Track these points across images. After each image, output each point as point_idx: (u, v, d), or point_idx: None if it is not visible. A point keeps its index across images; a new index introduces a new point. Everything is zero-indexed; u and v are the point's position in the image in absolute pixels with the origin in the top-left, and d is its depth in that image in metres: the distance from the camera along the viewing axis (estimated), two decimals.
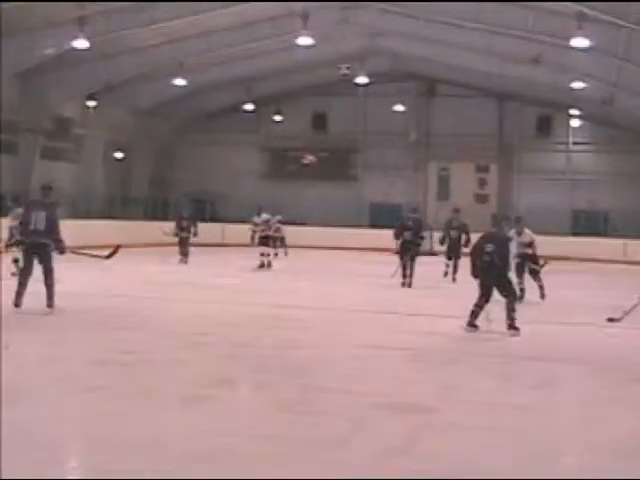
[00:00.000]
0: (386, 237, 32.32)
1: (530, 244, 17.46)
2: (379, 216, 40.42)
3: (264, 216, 27.69)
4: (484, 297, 12.72)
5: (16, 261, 16.47)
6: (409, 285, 20.01)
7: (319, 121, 44.71)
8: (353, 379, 9.40)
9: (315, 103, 44.09)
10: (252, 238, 28.16)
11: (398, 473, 6.07)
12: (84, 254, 13.85)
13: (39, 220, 13.10)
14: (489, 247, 12.64)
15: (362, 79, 38.15)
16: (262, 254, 25.22)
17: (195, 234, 27.15)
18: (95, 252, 13.99)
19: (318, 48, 31.74)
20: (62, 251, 13.24)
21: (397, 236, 20.61)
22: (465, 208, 27.35)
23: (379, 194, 42.43)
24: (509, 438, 7.12)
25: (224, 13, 29.01)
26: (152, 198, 39.07)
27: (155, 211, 39.99)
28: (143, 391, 8.48)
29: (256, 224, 27.79)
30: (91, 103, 36.59)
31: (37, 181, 34.87)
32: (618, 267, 31.54)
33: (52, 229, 13.15)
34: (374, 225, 39.44)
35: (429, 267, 22.16)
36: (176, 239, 26.99)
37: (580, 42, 25.60)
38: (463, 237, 21.75)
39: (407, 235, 20.41)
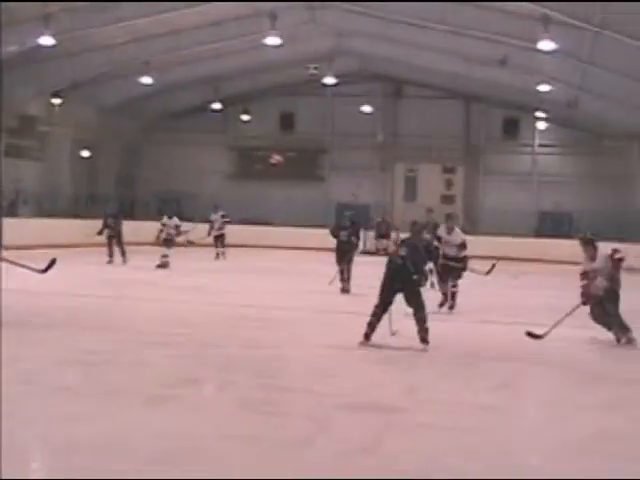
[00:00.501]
0: None
1: (462, 245, 15.93)
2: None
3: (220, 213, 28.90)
4: (382, 305, 11.57)
5: None
6: (347, 291, 18.81)
7: (287, 121, 44.76)
8: (317, 379, 9.45)
9: (283, 103, 44.13)
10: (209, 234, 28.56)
11: (363, 473, 6.07)
12: (19, 265, 12.19)
13: None
14: (403, 251, 11.72)
15: (330, 79, 38.24)
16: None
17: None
18: (33, 264, 12.69)
19: (286, 48, 31.79)
20: None
21: (334, 236, 19.42)
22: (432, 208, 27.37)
23: (346, 194, 42.47)
24: (475, 438, 7.15)
25: (191, 12, 28.98)
26: (119, 197, 38.87)
27: (123, 209, 39.93)
28: (109, 391, 8.44)
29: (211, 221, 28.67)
30: (56, 101, 36.46)
31: (3, 181, 34.83)
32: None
33: None
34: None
35: None
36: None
37: (546, 45, 25.92)
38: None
39: (343, 235, 19.14)
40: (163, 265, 23.59)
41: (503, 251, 34.14)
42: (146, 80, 36.16)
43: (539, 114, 41.08)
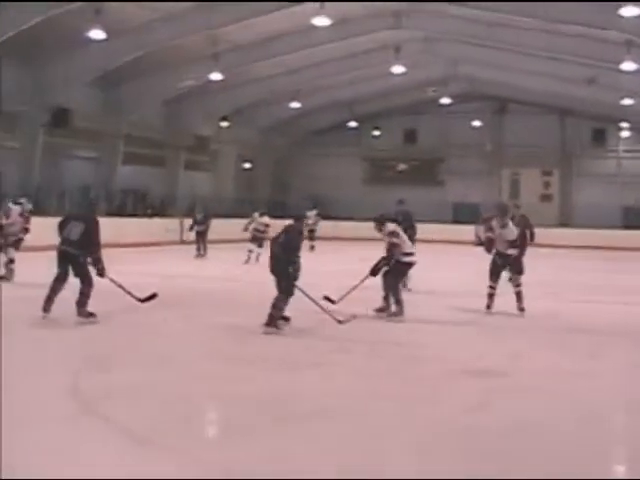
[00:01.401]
0: (466, 231, 32.35)
1: (513, 242, 11.88)
2: (460, 214, 40.43)
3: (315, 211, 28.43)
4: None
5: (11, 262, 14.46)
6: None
7: (410, 135, 44.60)
8: (440, 349, 9.22)
9: (406, 120, 43.92)
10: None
11: (482, 426, 6.01)
12: (123, 289, 10.49)
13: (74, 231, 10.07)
14: (281, 237, 10.15)
15: (445, 100, 38.22)
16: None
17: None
18: (137, 293, 10.75)
19: (408, 74, 31.74)
20: (101, 274, 10.14)
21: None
22: (533, 206, 27.15)
23: (460, 195, 42.20)
24: (568, 400, 6.91)
25: (331, 47, 29.16)
26: (272, 200, 39.34)
27: (275, 210, 40.42)
28: (271, 357, 8.43)
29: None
30: (224, 124, 37.17)
31: (182, 188, 35.80)
32: None
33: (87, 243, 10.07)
34: (456, 221, 39.36)
35: None
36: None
37: (629, 65, 25.47)
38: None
39: None
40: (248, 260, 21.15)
41: (594, 241, 33.59)
42: (295, 105, 36.65)
43: (623, 124, 40.05)
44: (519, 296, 11.88)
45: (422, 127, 44.17)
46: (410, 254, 11.46)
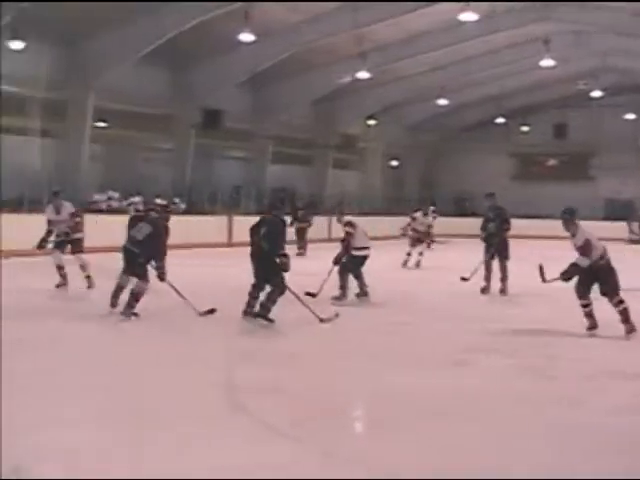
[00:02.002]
0: (619, 228, 30.93)
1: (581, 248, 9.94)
2: (612, 210, 38.67)
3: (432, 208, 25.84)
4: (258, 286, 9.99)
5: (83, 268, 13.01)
6: (502, 291, 13.74)
7: (560, 130, 42.80)
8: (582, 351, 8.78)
9: (556, 115, 42.25)
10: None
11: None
12: (182, 297, 10.22)
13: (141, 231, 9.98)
14: (263, 230, 9.76)
15: (596, 93, 36.39)
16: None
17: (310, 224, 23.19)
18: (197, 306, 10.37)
19: (558, 68, 30.50)
20: (161, 278, 9.97)
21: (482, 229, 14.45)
22: None
23: (612, 191, 40.42)
24: None
25: (479, 42, 28.40)
26: (420, 198, 38.83)
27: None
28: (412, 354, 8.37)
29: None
30: (371, 122, 36.90)
31: (330, 187, 35.81)
32: None
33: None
34: (607, 218, 37.65)
35: None
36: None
37: None
38: None
39: (491, 227, 14.04)
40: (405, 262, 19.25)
41: None
42: (442, 102, 35.97)
43: None
44: None
45: (572, 121, 42.36)
46: (364, 248, 12.09)
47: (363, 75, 28.82)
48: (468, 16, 22.79)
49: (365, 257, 12.21)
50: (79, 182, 23.77)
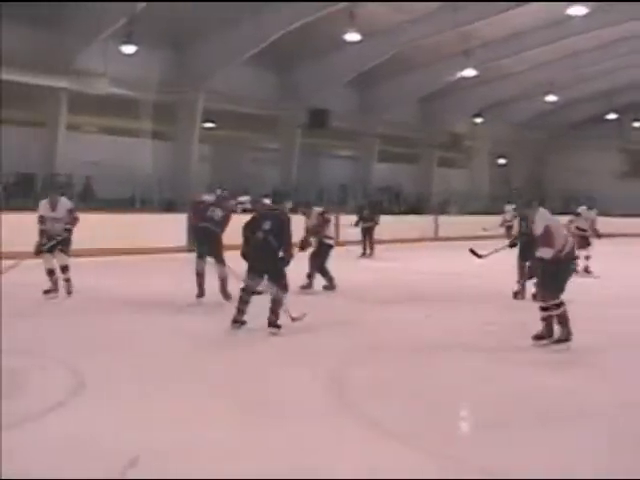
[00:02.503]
0: None
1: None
2: None
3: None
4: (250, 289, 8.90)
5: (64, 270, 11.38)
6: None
7: None
8: None
9: None
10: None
11: None
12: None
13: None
14: (266, 224, 8.76)
15: None
16: None
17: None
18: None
19: None
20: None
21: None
22: None
23: None
24: None
25: (588, 36, 27.44)
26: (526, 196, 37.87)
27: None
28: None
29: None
30: (477, 120, 36.21)
31: (436, 185, 35.38)
32: None
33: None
34: None
35: None
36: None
37: None
38: None
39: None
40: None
41: None
42: (550, 98, 35.00)
43: None
44: None
45: None
46: (331, 238, 12.50)
47: (469, 73, 28.33)
48: (577, 10, 22.09)
49: (332, 246, 12.63)
50: (188, 182, 24.13)
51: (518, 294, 11.85)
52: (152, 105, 24.00)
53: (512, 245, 11.44)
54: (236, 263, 9.66)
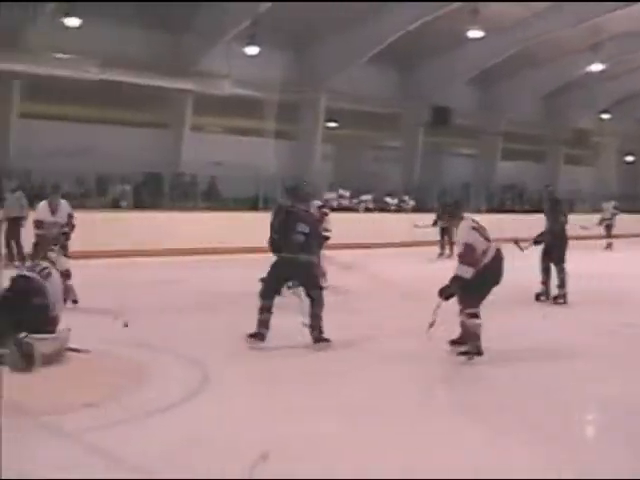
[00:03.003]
0: None
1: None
2: None
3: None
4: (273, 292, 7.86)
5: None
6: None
7: None
8: None
9: None
10: None
11: None
12: None
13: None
14: (301, 227, 7.81)
15: None
16: None
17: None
18: None
19: None
20: None
21: None
22: None
23: None
24: None
25: None
26: None
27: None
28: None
29: None
30: (605, 116, 34.80)
31: (562, 183, 34.17)
32: None
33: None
34: None
35: None
36: None
37: None
38: None
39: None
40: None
41: None
42: None
43: None
44: None
45: None
46: (329, 230, 11.72)
47: (597, 67, 27.21)
48: None
49: (329, 238, 11.80)
50: (311, 181, 24.09)
51: (541, 296, 11.17)
52: (275, 105, 24.08)
53: (536, 243, 11.01)
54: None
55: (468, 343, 7.33)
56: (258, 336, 7.65)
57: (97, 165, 20.12)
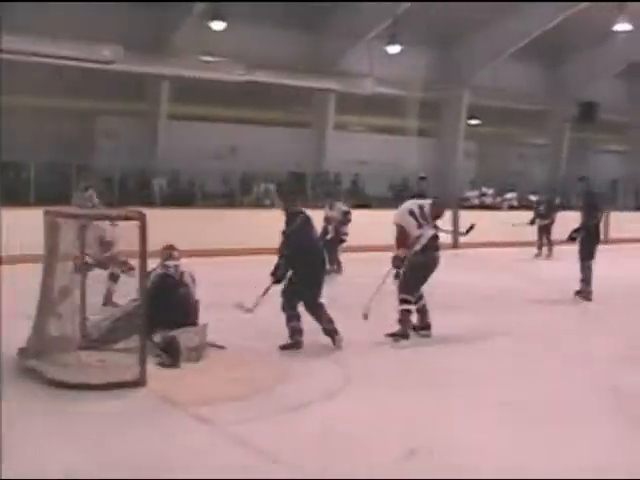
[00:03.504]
0: None
1: None
2: None
3: None
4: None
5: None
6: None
7: None
8: None
9: None
10: None
11: None
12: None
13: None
14: (314, 230, 7.87)
15: None
16: None
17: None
18: None
19: None
20: None
21: None
22: None
23: None
24: None
25: None
26: None
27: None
28: None
29: None
30: None
31: None
32: None
33: None
34: None
35: None
36: None
37: None
38: None
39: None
40: None
41: None
42: None
43: None
44: None
45: None
46: (347, 234, 14.14)
47: None
48: None
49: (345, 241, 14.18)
50: (453, 179, 23.64)
51: (581, 293, 10.85)
52: (417, 103, 23.70)
53: (571, 239, 10.78)
54: None
55: (400, 327, 7.56)
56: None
57: (242, 165, 20.34)
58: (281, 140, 21.31)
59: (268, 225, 8.84)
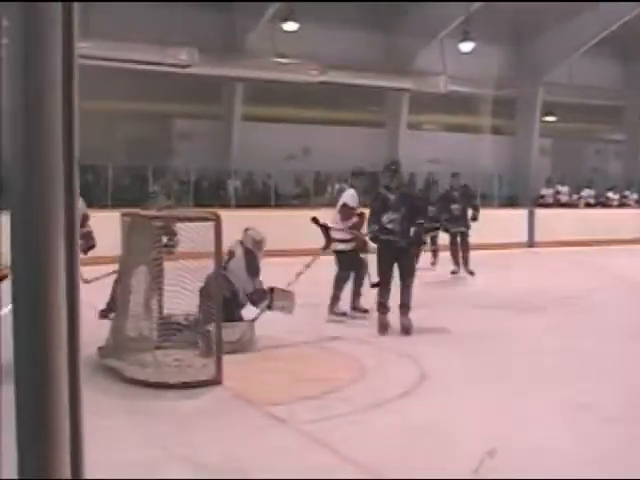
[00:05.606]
0: None
1: None
2: None
3: None
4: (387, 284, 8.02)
5: None
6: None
7: None
8: None
9: None
10: None
11: None
12: None
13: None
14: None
15: None
16: None
17: None
18: None
19: None
20: None
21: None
22: None
23: None
24: None
25: None
26: None
27: None
28: None
29: None
30: None
31: None
32: None
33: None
34: None
35: None
36: None
37: None
38: None
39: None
40: None
41: None
42: None
43: None
44: None
45: None
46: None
47: None
48: None
49: None
50: (529, 177, 23.24)
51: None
52: (492, 101, 23.36)
53: None
54: None
55: None
56: None
57: (315, 165, 20.34)
58: (354, 140, 21.20)
59: None
